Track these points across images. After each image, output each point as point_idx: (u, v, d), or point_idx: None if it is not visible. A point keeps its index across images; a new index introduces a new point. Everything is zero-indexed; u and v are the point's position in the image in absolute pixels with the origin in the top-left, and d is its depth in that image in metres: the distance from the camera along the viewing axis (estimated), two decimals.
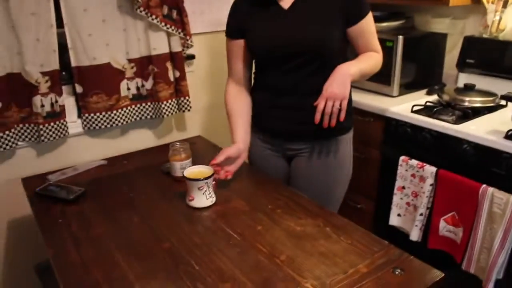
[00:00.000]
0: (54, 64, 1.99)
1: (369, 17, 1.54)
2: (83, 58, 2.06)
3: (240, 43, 1.65)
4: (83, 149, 2.22)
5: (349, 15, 1.51)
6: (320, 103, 1.42)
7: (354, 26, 1.53)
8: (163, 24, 2.14)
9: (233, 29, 1.65)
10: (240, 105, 1.70)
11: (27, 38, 1.90)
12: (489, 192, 1.73)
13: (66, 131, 2.09)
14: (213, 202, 1.47)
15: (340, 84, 1.42)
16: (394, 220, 2.14)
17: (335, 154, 1.65)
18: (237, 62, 1.69)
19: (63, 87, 2.08)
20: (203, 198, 1.45)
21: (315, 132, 1.59)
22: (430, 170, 1.92)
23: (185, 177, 1.43)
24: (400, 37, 2.25)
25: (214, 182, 1.49)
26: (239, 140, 1.64)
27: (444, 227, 1.92)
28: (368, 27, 1.55)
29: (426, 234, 2.01)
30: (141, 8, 2.07)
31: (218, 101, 2.59)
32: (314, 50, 1.51)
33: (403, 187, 2.06)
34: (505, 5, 2.17)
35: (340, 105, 1.41)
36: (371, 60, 1.56)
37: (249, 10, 1.60)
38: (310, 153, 1.66)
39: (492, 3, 2.20)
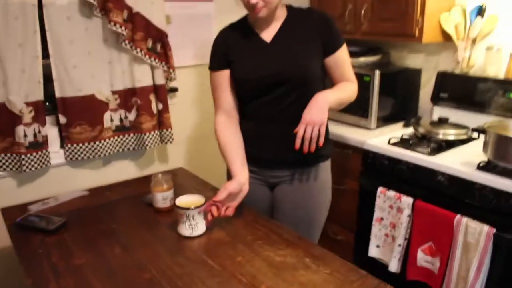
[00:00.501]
0: (39, 95, 2.01)
1: (344, 48, 1.64)
2: (68, 89, 2.09)
3: (225, 74, 1.69)
4: (65, 179, 2.22)
5: (326, 46, 1.61)
6: (300, 130, 1.48)
7: (330, 56, 1.62)
8: (147, 57, 2.19)
9: (218, 61, 1.70)
10: (233, 137, 1.71)
11: (13, 69, 1.93)
12: (464, 222, 1.79)
13: (48, 161, 2.10)
14: (192, 234, 1.48)
15: (318, 111, 1.48)
16: (373, 251, 2.17)
17: (316, 180, 1.71)
18: (224, 93, 1.72)
19: (47, 117, 2.09)
20: (182, 227, 1.48)
21: (297, 159, 1.64)
22: (407, 201, 1.97)
23: (175, 204, 1.48)
24: (377, 72, 2.34)
25: (211, 218, 1.51)
26: (239, 174, 1.62)
27: (422, 257, 1.96)
28: (343, 57, 1.65)
29: (405, 265, 2.04)
30: (126, 42, 2.13)
31: (200, 133, 2.62)
32: (295, 80, 1.59)
33: (382, 218, 2.10)
34: (473, 43, 2.28)
35: (319, 130, 1.47)
36: (347, 89, 1.65)
37: (233, 43, 1.67)
38: (292, 180, 1.71)
39: (462, 40, 2.31)
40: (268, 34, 1.63)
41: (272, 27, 1.63)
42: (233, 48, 1.66)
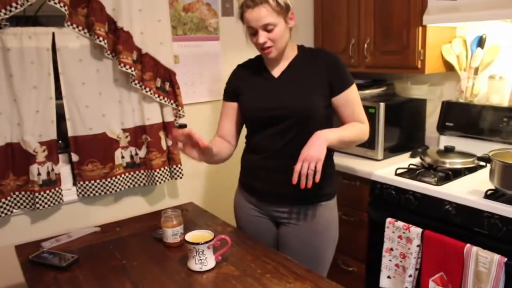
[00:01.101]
0: (52, 134, 2.08)
1: (353, 89, 1.68)
2: (80, 128, 2.16)
3: (233, 105, 1.78)
4: (77, 216, 2.25)
5: (333, 86, 1.65)
6: (297, 165, 1.51)
7: (337, 96, 1.66)
8: (156, 95, 2.26)
9: (228, 92, 1.80)
10: (219, 141, 1.77)
11: (27, 110, 2.00)
12: (474, 252, 1.78)
13: (61, 199, 2.14)
14: (201, 269, 1.49)
15: (316, 148, 1.51)
16: (384, 282, 2.15)
17: (321, 219, 1.72)
18: (227, 122, 1.81)
19: (59, 156, 2.15)
20: (192, 262, 1.50)
21: (298, 195, 1.67)
22: (416, 231, 1.97)
23: (185, 240, 1.50)
24: (382, 104, 2.38)
25: (223, 251, 1.54)
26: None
27: None
28: (351, 98, 1.68)
29: None
30: (136, 81, 2.20)
31: (208, 168, 2.66)
32: (297, 116, 1.63)
33: (391, 249, 2.09)
34: (476, 72, 2.32)
35: (316, 167, 1.49)
36: (353, 129, 1.67)
37: (245, 77, 1.76)
38: (296, 219, 1.73)
39: (465, 70, 2.35)
40: (277, 70, 1.71)
41: (282, 64, 1.71)
42: (244, 81, 1.75)
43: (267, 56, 1.65)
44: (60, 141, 2.18)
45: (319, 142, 1.53)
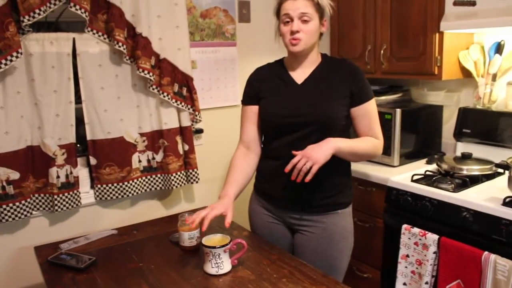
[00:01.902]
0: (71, 138, 2.12)
1: (372, 103, 1.69)
2: (98, 132, 2.19)
3: (254, 109, 1.78)
4: (94, 218, 2.29)
5: (353, 97, 1.66)
6: (296, 157, 1.54)
7: (356, 107, 1.67)
8: (173, 100, 2.29)
9: (249, 96, 1.79)
10: (244, 164, 1.77)
11: (48, 114, 2.05)
12: (492, 259, 1.76)
13: (79, 201, 2.18)
14: (218, 273, 1.50)
15: (319, 151, 1.54)
16: None
17: (337, 228, 1.72)
18: (250, 126, 1.80)
19: (78, 159, 2.19)
20: (208, 265, 1.51)
21: (314, 203, 1.68)
22: (432, 238, 1.96)
23: (201, 243, 1.51)
24: (398, 110, 2.37)
25: (239, 255, 1.55)
26: (229, 194, 1.66)
27: None
28: (369, 111, 1.68)
29: None
30: (154, 86, 2.23)
31: (225, 173, 2.64)
32: (318, 124, 1.63)
33: (407, 256, 2.08)
34: (494, 78, 2.30)
35: (311, 167, 1.51)
36: (366, 142, 1.68)
37: (266, 80, 1.76)
38: (312, 228, 1.72)
39: (482, 76, 2.34)
40: (300, 76, 1.71)
41: (305, 70, 1.71)
42: (265, 85, 1.75)
43: (291, 49, 1.64)
44: (78, 145, 2.21)
45: (327, 147, 1.55)
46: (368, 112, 1.68)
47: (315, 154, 1.53)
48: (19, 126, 1.98)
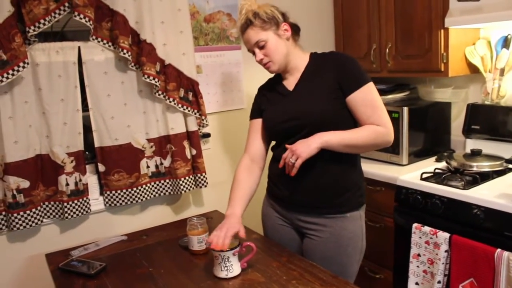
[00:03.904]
0: (79, 145, 2.13)
1: (366, 89, 1.61)
2: (106, 139, 2.20)
3: (258, 122, 1.83)
4: (104, 224, 2.30)
5: (343, 87, 1.62)
6: (286, 152, 1.59)
7: (349, 96, 1.62)
8: (180, 105, 2.29)
9: (255, 110, 1.85)
10: (248, 180, 1.78)
11: (55, 122, 2.06)
12: (505, 256, 1.73)
13: (89, 208, 2.19)
14: (227, 276, 1.50)
15: (305, 146, 1.56)
16: None
17: (346, 233, 1.68)
18: (255, 139, 1.83)
19: (87, 166, 2.20)
20: (218, 269, 1.51)
21: (321, 205, 1.68)
22: (443, 236, 1.94)
23: (209, 247, 1.52)
24: (405, 108, 2.36)
25: (248, 257, 1.55)
26: (236, 213, 1.65)
27: None
28: (364, 99, 1.61)
29: None
30: (160, 92, 2.24)
31: (233, 177, 2.67)
32: (313, 126, 1.63)
33: (419, 255, 2.06)
34: (502, 73, 2.28)
35: (296, 161, 1.55)
36: (363, 131, 1.62)
37: (266, 94, 1.82)
38: (321, 232, 1.70)
39: (490, 72, 2.31)
40: (291, 83, 1.74)
41: (295, 76, 1.73)
42: (265, 98, 1.81)
43: (269, 71, 1.72)
44: (87, 152, 2.23)
45: (312, 141, 1.57)
46: (363, 100, 1.60)
47: (300, 148, 1.55)
48: (27, 135, 2.00)
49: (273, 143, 1.85)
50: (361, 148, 1.66)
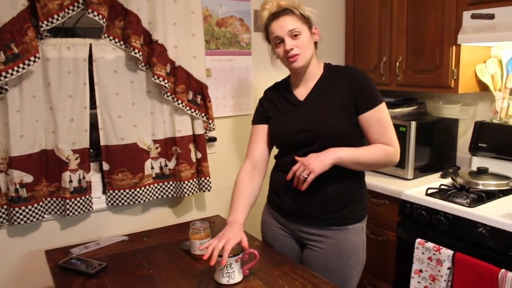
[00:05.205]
0: (85, 143, 2.12)
1: (379, 109, 1.62)
2: (112, 138, 2.19)
3: (263, 128, 1.79)
4: (105, 224, 2.28)
5: (358, 104, 1.62)
6: (296, 165, 1.56)
7: (362, 114, 1.62)
8: (187, 108, 2.29)
9: (260, 115, 1.81)
10: (250, 186, 1.75)
11: (62, 118, 2.06)
12: (509, 277, 1.72)
13: (91, 206, 2.18)
14: (229, 282, 1.48)
15: (318, 160, 1.54)
16: None
17: (347, 244, 1.67)
18: (256, 145, 1.79)
19: (91, 164, 2.19)
20: (219, 275, 1.49)
21: (324, 217, 1.66)
22: (446, 253, 1.92)
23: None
24: (413, 123, 2.35)
25: (251, 265, 1.53)
26: (238, 221, 1.61)
27: None
28: (377, 118, 1.61)
29: None
30: (168, 93, 2.23)
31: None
32: (323, 139, 1.61)
33: (421, 271, 2.04)
34: (511, 93, 2.27)
35: (308, 176, 1.52)
36: (374, 150, 1.62)
37: (273, 100, 1.78)
38: (322, 244, 1.69)
39: (500, 91, 2.31)
40: (302, 93, 1.70)
41: (307, 85, 1.70)
42: (273, 105, 1.77)
43: (293, 66, 1.63)
44: (92, 150, 2.22)
45: (325, 157, 1.55)
46: (376, 119, 1.61)
47: (313, 163, 1.53)
48: (34, 129, 1.99)
49: (275, 150, 1.83)
50: (370, 166, 1.67)
